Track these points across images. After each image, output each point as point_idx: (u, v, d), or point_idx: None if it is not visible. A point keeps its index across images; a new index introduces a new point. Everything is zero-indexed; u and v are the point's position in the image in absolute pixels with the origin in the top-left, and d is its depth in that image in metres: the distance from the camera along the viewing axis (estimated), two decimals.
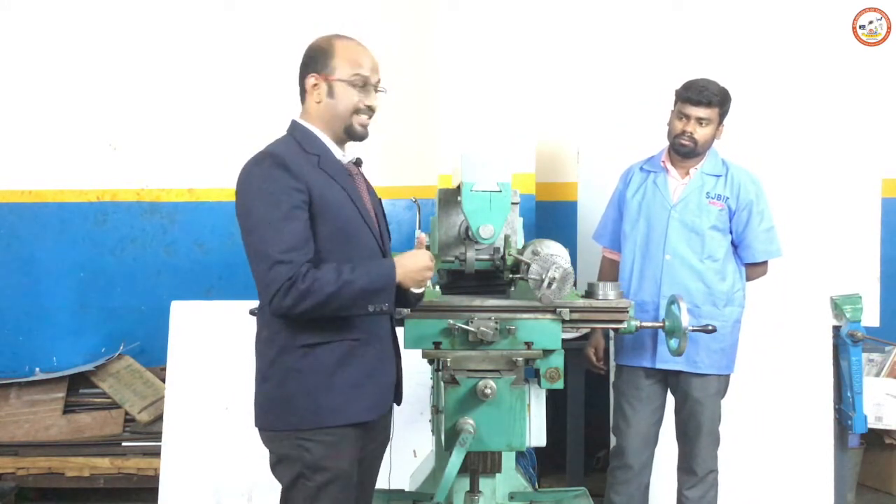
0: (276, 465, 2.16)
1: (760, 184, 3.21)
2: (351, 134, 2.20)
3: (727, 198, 3.14)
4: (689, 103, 3.07)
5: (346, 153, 2.27)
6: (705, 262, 3.13)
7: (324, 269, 2.04)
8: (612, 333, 3.42)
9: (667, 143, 3.23)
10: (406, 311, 2.40)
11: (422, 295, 2.33)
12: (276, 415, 2.13)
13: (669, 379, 3.19)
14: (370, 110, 2.19)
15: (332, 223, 2.10)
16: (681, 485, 3.21)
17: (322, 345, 2.10)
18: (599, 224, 3.46)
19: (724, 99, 3.10)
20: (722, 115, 3.13)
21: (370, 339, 2.17)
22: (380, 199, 2.39)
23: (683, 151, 3.12)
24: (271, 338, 2.14)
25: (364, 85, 2.16)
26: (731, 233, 3.17)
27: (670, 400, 3.26)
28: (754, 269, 3.27)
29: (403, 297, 2.27)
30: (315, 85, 2.18)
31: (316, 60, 2.18)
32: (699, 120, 3.07)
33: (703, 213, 3.13)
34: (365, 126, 2.20)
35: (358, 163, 2.31)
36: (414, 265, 2.14)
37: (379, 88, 2.22)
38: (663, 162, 3.22)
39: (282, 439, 2.12)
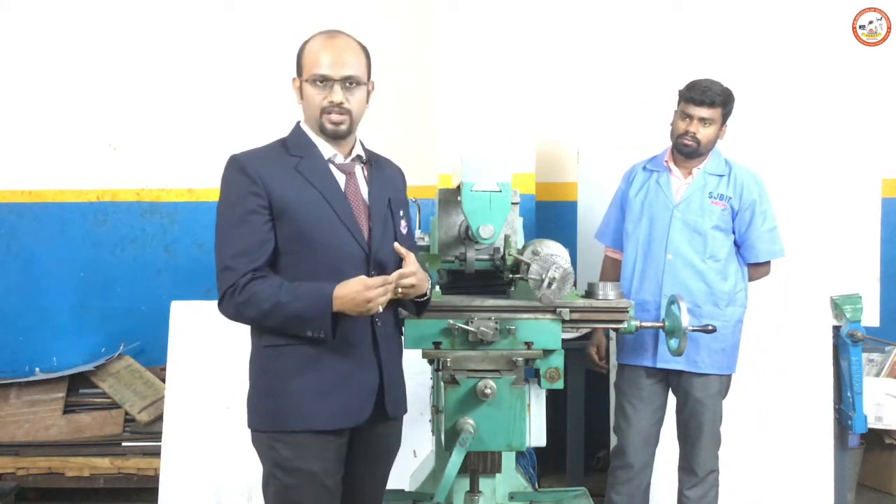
0: (260, 462, 2.20)
1: (764, 183, 3.21)
2: (324, 132, 2.17)
3: (730, 198, 3.14)
4: (692, 103, 3.07)
5: (350, 151, 2.23)
6: (707, 261, 3.13)
7: (265, 285, 2.06)
8: (612, 333, 3.41)
9: (669, 143, 3.23)
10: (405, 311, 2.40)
11: (426, 303, 2.29)
12: (251, 413, 2.19)
13: (671, 379, 3.19)
14: (335, 105, 2.13)
15: (293, 226, 2.10)
16: (681, 485, 3.21)
17: (285, 346, 2.11)
18: (602, 223, 3.46)
19: (726, 99, 3.11)
20: (725, 116, 3.13)
21: (341, 345, 2.11)
22: (391, 198, 2.28)
23: (686, 151, 3.12)
24: (252, 337, 2.21)
25: (324, 82, 2.13)
26: (733, 232, 3.18)
27: (671, 399, 3.26)
28: (757, 270, 3.27)
29: (402, 302, 2.25)
30: (298, 88, 2.22)
31: (297, 64, 2.22)
32: (702, 120, 3.07)
33: (705, 212, 3.13)
34: (336, 123, 2.14)
35: (369, 160, 2.28)
36: (347, 294, 2.01)
37: (354, 83, 2.14)
38: (666, 161, 3.22)
39: (257, 437, 2.18)
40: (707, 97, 3.05)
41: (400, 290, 2.09)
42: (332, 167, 2.20)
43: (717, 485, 3.19)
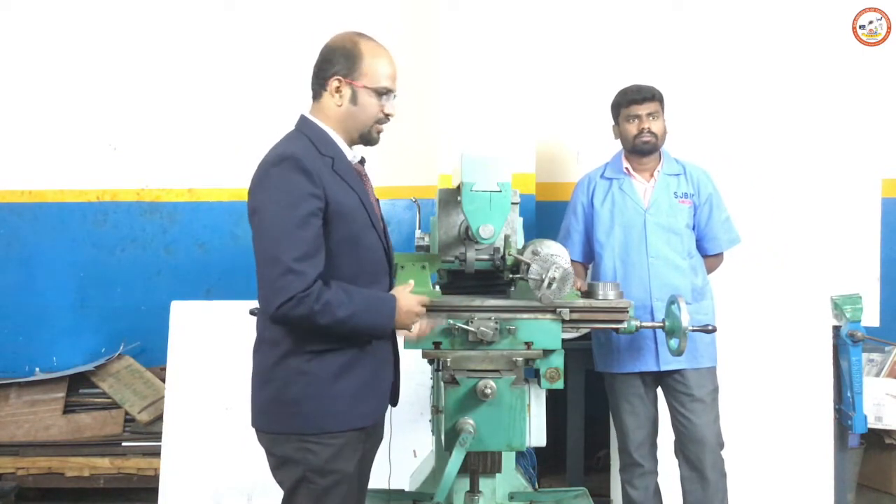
0: (279, 468, 2.14)
1: (711, 175, 3.31)
2: (367, 141, 2.21)
3: (692, 195, 3.23)
4: (634, 104, 3.17)
5: (353, 153, 2.26)
6: (686, 259, 3.18)
7: (333, 292, 2.02)
8: (601, 339, 3.37)
9: (617, 152, 3.30)
10: None
11: None
12: (279, 417, 2.11)
13: (667, 388, 3.19)
14: (388, 119, 2.20)
15: (344, 229, 2.09)
16: (691, 496, 3.17)
17: (330, 351, 2.09)
18: (561, 237, 3.41)
19: (660, 94, 3.21)
20: (663, 109, 3.22)
21: (374, 345, 2.17)
22: (377, 199, 2.36)
23: (647, 148, 3.19)
24: (276, 340, 2.11)
25: (387, 94, 2.17)
26: (694, 228, 3.24)
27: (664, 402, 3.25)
28: (715, 261, 3.34)
29: None
30: (338, 88, 2.15)
31: (341, 62, 2.14)
32: (649, 115, 3.16)
33: (676, 212, 3.19)
34: (380, 133, 2.22)
35: (362, 161, 2.30)
36: (402, 308, 2.15)
37: (395, 94, 2.22)
38: (626, 169, 3.26)
39: (284, 442, 2.10)
40: (645, 93, 3.17)
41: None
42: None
43: (726, 488, 3.18)
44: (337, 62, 2.14)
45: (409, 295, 2.18)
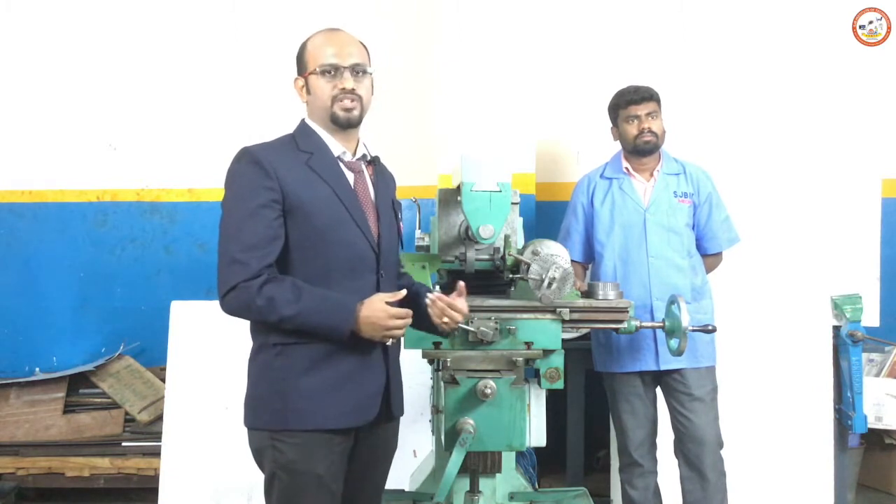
0: (257, 460, 2.17)
1: (711, 175, 3.32)
2: (336, 121, 2.15)
3: (691, 194, 3.24)
4: (633, 104, 3.18)
5: (355, 150, 2.23)
6: (686, 258, 3.19)
7: (282, 288, 2.01)
8: (600, 339, 3.38)
9: (616, 152, 3.30)
10: None
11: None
12: (252, 412, 2.15)
13: (665, 386, 3.18)
14: (346, 92, 2.13)
15: (307, 222, 2.08)
16: (691, 496, 3.17)
17: (295, 345, 2.07)
18: (561, 237, 3.40)
19: (657, 93, 3.22)
20: (660, 108, 3.23)
21: (351, 345, 2.08)
22: (393, 199, 2.33)
23: (649, 148, 3.19)
24: (253, 334, 2.17)
25: (334, 71, 2.13)
26: (693, 227, 3.24)
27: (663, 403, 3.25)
28: (715, 260, 3.35)
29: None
30: (302, 87, 2.21)
31: (298, 63, 2.22)
32: (649, 115, 3.17)
33: (675, 212, 3.19)
34: (349, 110, 2.14)
35: (374, 160, 2.27)
36: (370, 317, 2.04)
37: (361, 70, 2.16)
38: (626, 169, 3.26)
39: (258, 437, 2.13)
40: (643, 93, 3.19)
41: (445, 320, 2.18)
42: (340, 165, 2.19)
43: (725, 488, 3.18)
44: (297, 65, 2.23)
45: (380, 306, 2.05)
